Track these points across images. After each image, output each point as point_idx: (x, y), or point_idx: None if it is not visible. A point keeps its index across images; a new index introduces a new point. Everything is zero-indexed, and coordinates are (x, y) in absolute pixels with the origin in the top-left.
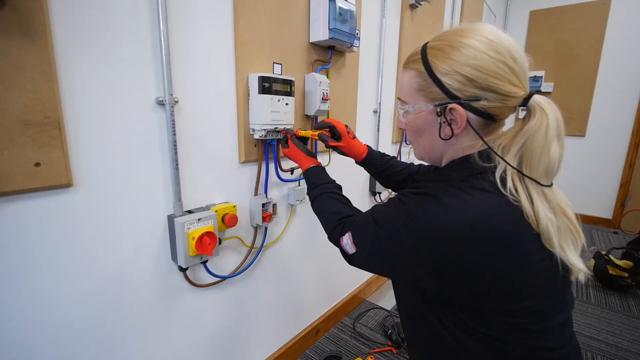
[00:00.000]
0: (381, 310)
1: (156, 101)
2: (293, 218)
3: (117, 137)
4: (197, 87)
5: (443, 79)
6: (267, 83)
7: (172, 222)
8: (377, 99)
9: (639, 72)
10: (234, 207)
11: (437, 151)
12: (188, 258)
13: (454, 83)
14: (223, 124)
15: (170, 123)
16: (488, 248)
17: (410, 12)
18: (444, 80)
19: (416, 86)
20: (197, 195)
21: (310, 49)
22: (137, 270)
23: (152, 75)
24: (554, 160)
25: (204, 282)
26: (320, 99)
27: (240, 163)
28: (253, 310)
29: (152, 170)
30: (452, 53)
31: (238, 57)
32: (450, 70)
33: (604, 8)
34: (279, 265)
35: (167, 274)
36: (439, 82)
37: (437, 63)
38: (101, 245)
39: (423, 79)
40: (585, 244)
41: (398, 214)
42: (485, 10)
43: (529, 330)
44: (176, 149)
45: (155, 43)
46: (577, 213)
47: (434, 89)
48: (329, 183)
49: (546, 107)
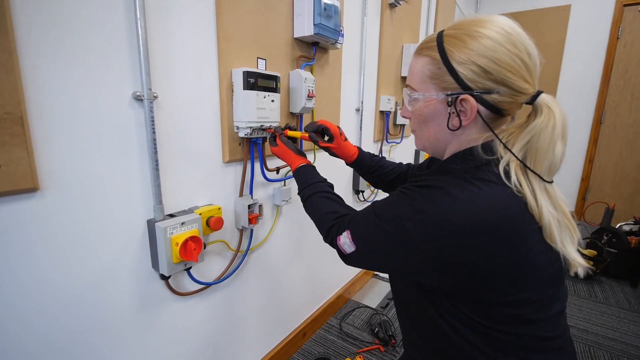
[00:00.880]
0: (366, 309)
1: (133, 96)
2: (279, 219)
3: (90, 135)
4: (178, 82)
5: (458, 68)
6: (253, 79)
7: (153, 227)
8: (360, 97)
9: (596, 73)
10: (218, 209)
11: (442, 142)
12: (171, 265)
13: (469, 73)
14: (206, 121)
15: (149, 120)
16: (496, 240)
17: (389, 11)
18: (459, 69)
19: (429, 73)
20: (179, 198)
21: (295, 44)
22: (114, 281)
23: (128, 68)
24: (557, 158)
25: (188, 290)
26: (306, 96)
27: (225, 163)
28: (239, 316)
29: (130, 171)
30: (469, 42)
31: (221, 51)
32: (466, 60)
33: (564, 13)
34: (265, 269)
35: (147, 283)
36: (453, 71)
37: (453, 51)
38: (73, 255)
39: (437, 67)
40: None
41: (403, 207)
42: (457, 12)
43: (528, 320)
44: (156, 148)
45: (132, 33)
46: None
47: (447, 77)
48: (321, 182)
49: (553, 106)
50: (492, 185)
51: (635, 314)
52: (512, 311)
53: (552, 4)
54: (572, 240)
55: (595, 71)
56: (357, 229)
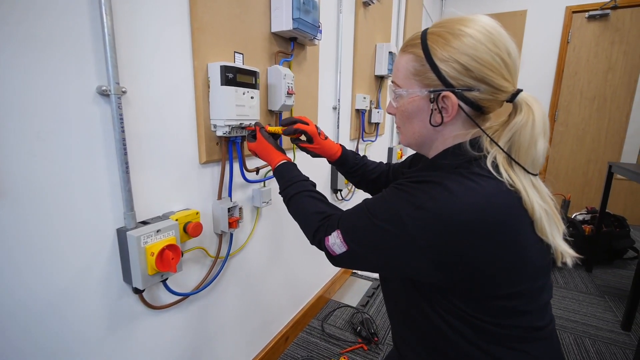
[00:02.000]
0: (347, 308)
1: (98, 91)
2: (259, 222)
3: (47, 135)
4: (149, 76)
5: (440, 66)
6: (231, 74)
7: (124, 237)
8: (337, 95)
9: (550, 75)
10: (196, 213)
11: (426, 138)
12: (146, 278)
13: (451, 71)
14: (180, 119)
15: (118, 117)
16: (496, 235)
17: (363, 10)
18: (441, 66)
19: (412, 70)
20: (152, 203)
21: (272, 39)
22: (79, 299)
23: (92, 59)
24: (540, 154)
25: (164, 303)
26: (285, 93)
27: (201, 164)
28: (219, 325)
29: (96, 175)
30: (452, 41)
31: (195, 42)
32: (448, 58)
33: (521, 17)
34: (246, 274)
35: (118, 298)
36: (435, 68)
37: (436, 49)
38: (30, 274)
39: (420, 64)
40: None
41: (400, 204)
42: (424, 13)
43: (521, 311)
44: (125, 149)
45: (95, 20)
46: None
47: (430, 74)
48: (304, 180)
49: (532, 103)
50: (488, 180)
51: (592, 296)
52: (506, 303)
53: (510, 9)
54: (559, 231)
55: (549, 73)
56: (348, 228)
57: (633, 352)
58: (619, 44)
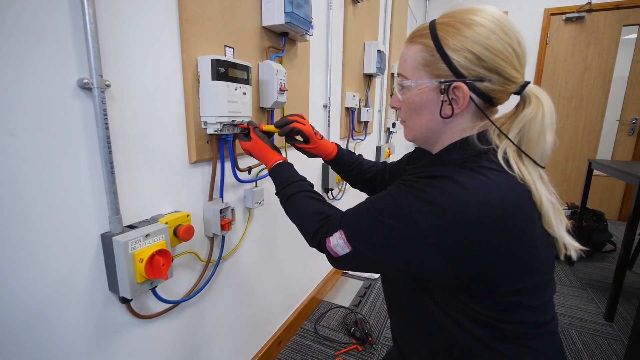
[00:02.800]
0: (340, 309)
1: (79, 84)
2: (251, 223)
3: (23, 132)
4: (134, 69)
5: (452, 55)
6: (223, 68)
7: (109, 242)
8: (327, 93)
9: (531, 75)
10: (187, 216)
11: (433, 131)
12: (134, 286)
13: (463, 60)
14: (168, 116)
15: (101, 113)
16: (508, 230)
17: (352, 7)
18: (453, 56)
19: (422, 61)
20: (139, 206)
21: (263, 34)
22: (61, 311)
23: (71, 50)
24: (548, 147)
25: (153, 312)
26: (278, 90)
27: (191, 163)
28: (211, 332)
29: (77, 176)
30: (464, 30)
31: (184, 34)
32: (460, 47)
33: None
34: (238, 278)
35: (104, 309)
36: (447, 58)
37: (447, 39)
38: (4, 285)
39: (430, 54)
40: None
41: (410, 200)
42: (409, 14)
43: (527, 307)
44: (110, 148)
45: (76, 6)
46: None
47: (440, 65)
48: (302, 180)
49: (541, 96)
50: (498, 174)
51: (575, 289)
52: (513, 299)
53: None
54: (563, 224)
55: (530, 73)
56: (352, 227)
57: (617, 342)
58: (594, 46)
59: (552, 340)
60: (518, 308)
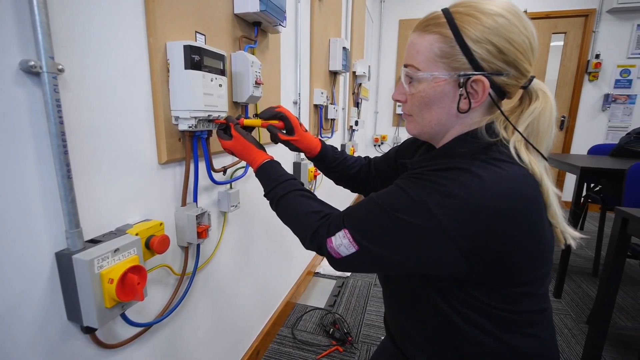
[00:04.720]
0: (315, 310)
1: (23, 67)
2: (226, 228)
3: None
4: (93, 51)
5: (473, 47)
6: (197, 56)
7: (68, 262)
8: (297, 89)
9: None
10: (160, 225)
11: (444, 126)
12: (103, 312)
13: (484, 53)
14: (134, 109)
15: (53, 104)
16: (524, 221)
17: (318, 3)
18: (474, 48)
19: (438, 52)
20: (101, 216)
21: (235, 22)
22: (6, 348)
23: (11, 23)
24: (552, 140)
25: (122, 339)
26: (253, 83)
27: (161, 164)
28: (187, 352)
29: (22, 182)
30: (484, 20)
31: (150, 15)
32: (481, 38)
33: None
34: (214, 290)
35: (62, 342)
36: (467, 50)
37: (467, 29)
38: None
39: (448, 45)
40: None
41: (426, 193)
42: (367, 14)
43: (532, 295)
44: (66, 147)
45: None
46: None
47: (460, 57)
48: (293, 179)
49: (547, 90)
50: (511, 166)
51: None
52: (523, 289)
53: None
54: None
55: None
56: (360, 225)
57: (566, 316)
58: None
59: (550, 326)
60: (524, 297)
